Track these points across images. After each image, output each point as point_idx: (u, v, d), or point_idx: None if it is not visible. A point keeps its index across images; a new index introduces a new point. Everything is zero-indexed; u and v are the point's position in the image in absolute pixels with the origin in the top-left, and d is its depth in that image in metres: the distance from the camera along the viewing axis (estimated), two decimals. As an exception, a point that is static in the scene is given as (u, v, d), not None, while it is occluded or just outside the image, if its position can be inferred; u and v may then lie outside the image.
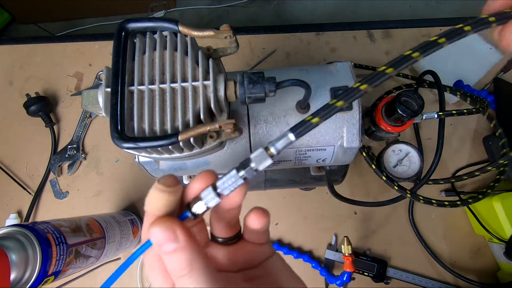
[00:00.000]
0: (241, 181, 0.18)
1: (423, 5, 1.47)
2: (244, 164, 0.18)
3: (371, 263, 0.49)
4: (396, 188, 0.40)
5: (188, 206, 0.19)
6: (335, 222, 0.52)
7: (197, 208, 0.19)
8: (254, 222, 0.22)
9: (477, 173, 0.43)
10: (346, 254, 0.46)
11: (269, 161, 0.18)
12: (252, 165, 0.18)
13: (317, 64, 0.59)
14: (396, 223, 0.52)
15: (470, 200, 0.43)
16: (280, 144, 0.18)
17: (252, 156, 0.18)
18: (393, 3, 1.48)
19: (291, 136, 0.18)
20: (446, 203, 0.40)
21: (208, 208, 0.19)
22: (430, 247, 0.50)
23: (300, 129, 0.18)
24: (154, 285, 0.20)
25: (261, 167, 0.18)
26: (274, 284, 0.22)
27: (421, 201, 0.40)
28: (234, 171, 0.18)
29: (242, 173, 0.18)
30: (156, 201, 0.18)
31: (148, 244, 0.18)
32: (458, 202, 0.41)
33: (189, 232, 0.18)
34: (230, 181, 0.18)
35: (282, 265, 0.23)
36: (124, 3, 1.51)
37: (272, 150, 0.18)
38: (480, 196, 0.43)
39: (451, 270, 0.48)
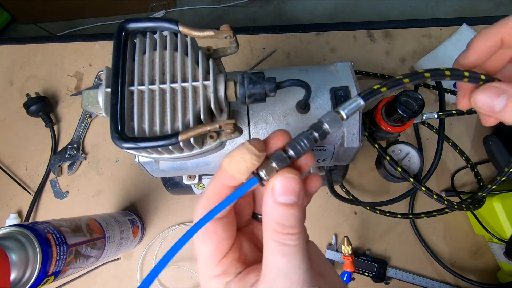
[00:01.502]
0: (312, 142, 0.18)
1: (423, 5, 1.47)
2: (316, 127, 0.18)
3: (371, 263, 0.49)
4: (411, 180, 0.40)
5: (253, 173, 0.18)
6: (335, 222, 0.52)
7: (266, 172, 0.18)
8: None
9: (489, 185, 0.41)
10: (346, 254, 0.46)
11: (340, 124, 0.18)
12: (325, 127, 0.17)
13: (317, 64, 0.59)
14: (396, 223, 0.52)
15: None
16: (350, 108, 0.17)
17: (323, 118, 0.18)
18: (393, 3, 1.48)
19: (361, 101, 0.17)
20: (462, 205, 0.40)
21: (277, 171, 0.18)
22: (430, 247, 0.50)
23: (368, 94, 0.17)
24: (196, 249, 0.20)
25: (333, 130, 0.18)
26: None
27: (434, 196, 0.39)
28: (306, 132, 0.18)
29: (314, 134, 0.18)
30: (242, 162, 0.17)
31: (252, 182, 0.17)
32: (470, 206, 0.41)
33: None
34: (302, 143, 0.18)
35: (317, 250, 0.23)
36: (124, 3, 1.51)
37: (343, 113, 0.17)
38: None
39: (451, 270, 0.48)
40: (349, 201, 0.47)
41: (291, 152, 0.18)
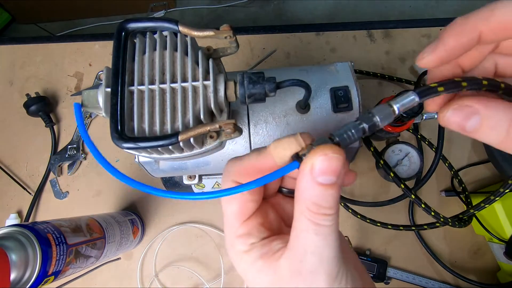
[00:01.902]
0: (360, 133, 0.17)
1: (423, 5, 1.47)
2: (366, 118, 0.17)
3: (371, 263, 0.49)
4: (402, 187, 0.39)
5: (296, 156, 0.18)
6: (335, 222, 0.52)
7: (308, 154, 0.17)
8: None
9: (492, 197, 0.41)
10: (346, 254, 0.45)
11: (391, 118, 0.17)
12: (376, 119, 0.17)
13: (317, 64, 0.59)
14: (396, 223, 0.52)
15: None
16: (403, 103, 0.17)
17: (375, 110, 0.17)
18: (393, 3, 1.48)
19: (416, 97, 0.16)
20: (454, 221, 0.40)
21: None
22: (430, 247, 0.50)
23: (424, 91, 0.16)
24: (223, 209, 0.20)
25: (383, 124, 0.17)
26: None
27: (422, 206, 0.39)
28: (354, 122, 0.17)
29: (363, 125, 0.17)
30: (288, 150, 0.18)
31: (293, 165, 0.17)
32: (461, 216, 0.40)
33: None
34: (350, 132, 0.17)
35: (342, 237, 0.23)
36: (124, 3, 1.51)
37: (395, 107, 0.17)
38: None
39: (451, 270, 0.48)
40: (349, 201, 0.47)
41: (336, 140, 0.17)
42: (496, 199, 0.37)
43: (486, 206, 0.38)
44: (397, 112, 0.17)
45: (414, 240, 0.51)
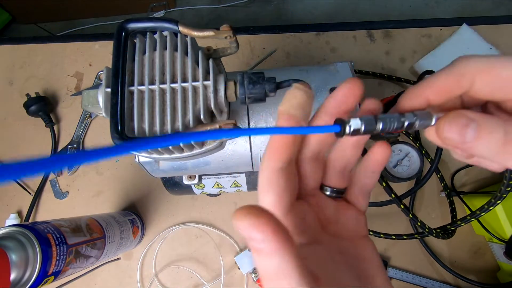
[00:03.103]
0: (400, 125, 0.17)
1: (423, 5, 1.47)
2: (409, 116, 0.18)
3: (371, 263, 0.49)
4: (393, 196, 0.39)
5: (340, 120, 0.17)
6: (335, 222, 0.52)
7: (353, 123, 0.17)
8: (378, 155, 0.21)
9: (478, 212, 0.41)
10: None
11: (426, 127, 0.18)
12: (416, 121, 0.18)
13: (317, 64, 0.59)
14: (396, 223, 0.52)
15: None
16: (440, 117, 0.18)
17: (417, 113, 0.18)
18: (393, 3, 1.48)
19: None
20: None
21: (361, 130, 0.17)
22: (430, 247, 0.50)
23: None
24: (259, 200, 0.18)
25: (419, 128, 0.18)
26: (361, 268, 0.20)
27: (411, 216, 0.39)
28: (398, 116, 0.18)
29: (404, 119, 0.18)
30: (294, 99, 0.17)
31: (334, 128, 0.17)
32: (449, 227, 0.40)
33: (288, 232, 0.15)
34: (392, 119, 0.17)
35: (375, 251, 0.21)
36: (124, 3, 1.51)
37: (434, 119, 0.18)
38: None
39: (451, 270, 0.48)
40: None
41: (379, 125, 0.17)
42: (482, 214, 0.38)
43: (472, 219, 0.39)
44: (433, 123, 0.18)
45: (414, 240, 0.51)
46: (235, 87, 0.27)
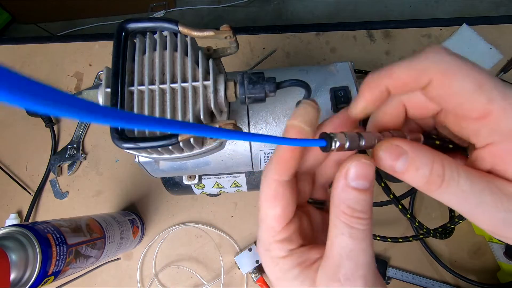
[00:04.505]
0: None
1: (423, 5, 1.47)
2: (385, 133, 0.19)
3: (371, 263, 0.49)
4: (391, 197, 0.39)
5: (327, 134, 0.18)
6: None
7: (339, 138, 0.17)
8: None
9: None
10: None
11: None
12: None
13: (317, 64, 0.59)
14: (396, 223, 0.52)
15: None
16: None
17: (395, 132, 0.19)
18: (393, 3, 1.48)
19: None
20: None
21: (345, 146, 0.18)
22: (430, 247, 0.50)
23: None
24: (262, 211, 0.19)
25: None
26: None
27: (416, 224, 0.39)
28: (378, 134, 0.18)
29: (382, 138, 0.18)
30: (306, 114, 0.18)
31: (320, 142, 0.17)
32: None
33: None
34: (373, 137, 0.18)
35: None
36: (124, 3, 1.51)
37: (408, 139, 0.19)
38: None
39: (451, 270, 0.48)
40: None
41: (362, 142, 0.18)
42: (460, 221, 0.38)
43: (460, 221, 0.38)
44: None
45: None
46: (235, 87, 0.27)
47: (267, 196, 0.19)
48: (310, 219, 0.22)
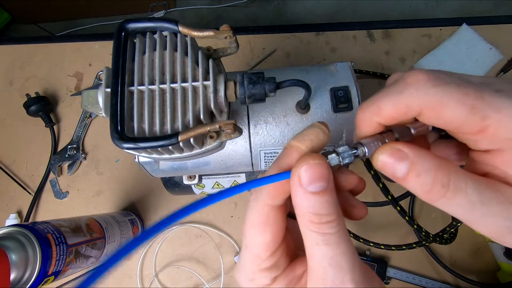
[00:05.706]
0: (352, 158, 0.18)
1: (423, 5, 1.47)
2: (355, 147, 0.18)
3: (371, 263, 0.49)
4: (389, 198, 0.39)
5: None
6: (335, 222, 0.52)
7: (331, 159, 0.17)
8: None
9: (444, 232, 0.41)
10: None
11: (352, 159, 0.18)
12: (358, 152, 0.18)
13: (317, 64, 0.59)
14: (396, 223, 0.52)
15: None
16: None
17: (366, 141, 0.18)
18: (393, 3, 1.48)
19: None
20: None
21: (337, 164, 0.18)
22: (430, 247, 0.50)
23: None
24: (249, 238, 0.18)
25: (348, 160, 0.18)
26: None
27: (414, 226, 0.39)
28: (351, 151, 0.18)
29: (354, 151, 0.18)
30: (316, 139, 0.17)
31: (286, 175, 0.17)
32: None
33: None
34: (348, 152, 0.18)
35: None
36: (124, 3, 1.51)
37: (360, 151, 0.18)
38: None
39: (451, 270, 0.48)
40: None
41: (345, 160, 0.18)
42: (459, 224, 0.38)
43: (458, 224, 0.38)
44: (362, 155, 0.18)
45: (414, 239, 0.51)
46: (235, 87, 0.27)
47: (256, 222, 0.18)
48: (291, 230, 0.21)
